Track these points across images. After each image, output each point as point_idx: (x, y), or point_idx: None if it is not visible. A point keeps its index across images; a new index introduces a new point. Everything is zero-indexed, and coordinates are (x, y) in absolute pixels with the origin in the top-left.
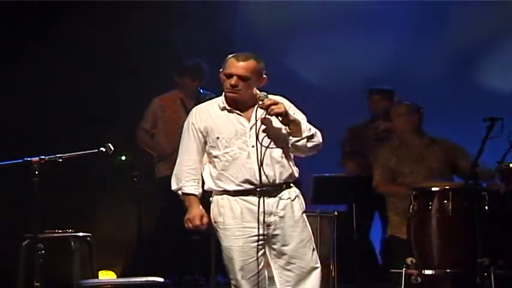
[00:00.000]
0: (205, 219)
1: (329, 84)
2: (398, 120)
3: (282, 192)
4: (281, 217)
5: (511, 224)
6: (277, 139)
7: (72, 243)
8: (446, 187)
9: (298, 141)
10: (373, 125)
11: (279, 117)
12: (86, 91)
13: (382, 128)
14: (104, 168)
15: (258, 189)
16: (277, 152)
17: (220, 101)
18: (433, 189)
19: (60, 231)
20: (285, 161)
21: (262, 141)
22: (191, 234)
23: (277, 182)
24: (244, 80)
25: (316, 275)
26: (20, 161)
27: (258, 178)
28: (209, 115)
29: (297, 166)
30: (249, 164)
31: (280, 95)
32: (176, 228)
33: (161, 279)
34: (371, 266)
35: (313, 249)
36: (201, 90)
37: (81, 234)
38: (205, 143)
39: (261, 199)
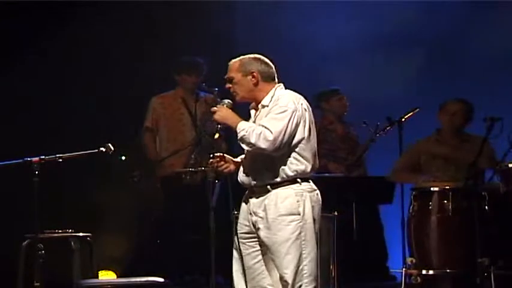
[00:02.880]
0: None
1: (327, 84)
2: (452, 117)
3: (267, 194)
4: (261, 218)
5: (511, 224)
6: None
7: (72, 243)
8: (446, 187)
9: (239, 142)
10: (331, 127)
11: (218, 125)
12: (86, 91)
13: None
14: (104, 168)
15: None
16: (256, 155)
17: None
18: (433, 189)
19: (60, 231)
20: (268, 162)
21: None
22: (191, 234)
23: (260, 183)
24: (231, 81)
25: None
26: (20, 161)
27: (239, 179)
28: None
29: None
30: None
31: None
32: (176, 228)
33: (161, 279)
34: (372, 266)
35: (286, 254)
36: (200, 93)
37: (81, 234)
38: None
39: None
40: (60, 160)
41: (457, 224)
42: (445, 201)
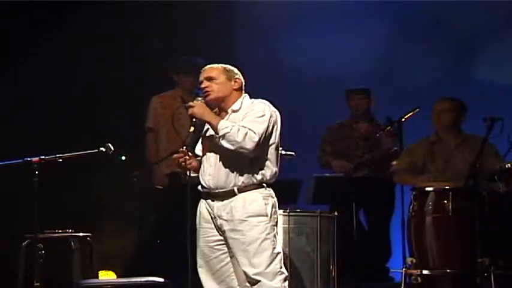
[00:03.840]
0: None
1: (327, 85)
2: (440, 115)
3: (233, 198)
4: (226, 220)
5: (511, 224)
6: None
7: (72, 243)
8: (446, 187)
9: (217, 140)
10: (356, 125)
11: (193, 119)
12: (86, 91)
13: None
14: (104, 168)
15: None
16: (226, 158)
17: None
18: (433, 189)
19: (60, 231)
20: (233, 165)
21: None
22: (191, 234)
23: (224, 186)
24: (211, 80)
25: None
26: (20, 161)
27: (203, 182)
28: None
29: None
30: (203, 168)
31: (266, 98)
32: (176, 228)
33: (161, 279)
34: (372, 266)
35: (256, 253)
36: (200, 92)
37: (81, 234)
38: None
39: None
40: (60, 160)
41: (457, 224)
42: (445, 201)
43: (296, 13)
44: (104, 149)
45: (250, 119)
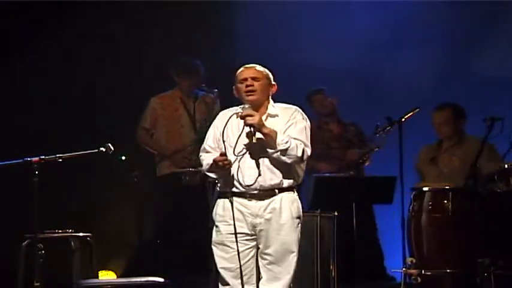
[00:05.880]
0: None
1: (327, 84)
2: (440, 128)
3: (273, 197)
4: (267, 220)
5: (511, 224)
6: (263, 148)
7: (72, 243)
8: (446, 187)
9: (272, 153)
10: (326, 126)
11: (251, 128)
12: (86, 91)
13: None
14: (104, 168)
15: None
16: (269, 160)
17: (241, 109)
18: (433, 189)
19: (60, 231)
20: (276, 168)
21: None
22: (191, 234)
23: (267, 187)
24: (257, 80)
25: (286, 280)
26: (20, 161)
27: (240, 182)
28: (227, 119)
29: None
30: (238, 167)
31: (297, 105)
32: (176, 228)
33: (161, 279)
34: (371, 266)
35: (294, 255)
36: (199, 92)
37: (81, 234)
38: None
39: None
40: (60, 160)
41: (457, 224)
42: (445, 201)
43: (296, 13)
44: (104, 149)
45: (297, 130)
